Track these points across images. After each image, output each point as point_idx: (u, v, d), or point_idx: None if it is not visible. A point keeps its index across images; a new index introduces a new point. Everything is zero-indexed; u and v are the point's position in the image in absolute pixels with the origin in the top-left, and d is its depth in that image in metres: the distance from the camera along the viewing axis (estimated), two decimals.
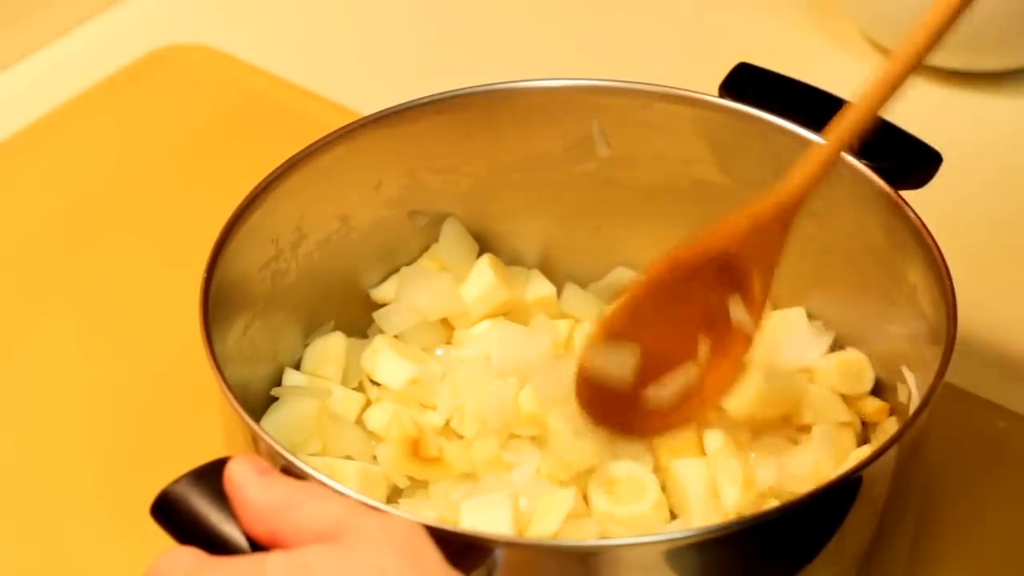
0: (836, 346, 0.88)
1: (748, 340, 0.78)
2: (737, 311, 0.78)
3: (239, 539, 0.67)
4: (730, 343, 0.79)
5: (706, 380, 0.79)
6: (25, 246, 1.06)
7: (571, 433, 0.82)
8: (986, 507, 0.88)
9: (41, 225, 1.07)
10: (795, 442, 0.83)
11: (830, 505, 0.72)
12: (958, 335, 0.76)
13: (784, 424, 0.84)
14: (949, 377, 0.75)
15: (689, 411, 0.79)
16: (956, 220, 0.84)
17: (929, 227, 0.80)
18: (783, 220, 0.78)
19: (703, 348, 0.78)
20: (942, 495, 0.87)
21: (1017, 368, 0.97)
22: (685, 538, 0.71)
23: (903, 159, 0.83)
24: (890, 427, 0.85)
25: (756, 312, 0.78)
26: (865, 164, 0.83)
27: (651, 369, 0.79)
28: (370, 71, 1.20)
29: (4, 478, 0.91)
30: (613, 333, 0.79)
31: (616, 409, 0.79)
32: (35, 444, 0.93)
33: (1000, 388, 0.93)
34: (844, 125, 0.77)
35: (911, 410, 0.80)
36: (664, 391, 0.79)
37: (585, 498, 0.82)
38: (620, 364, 0.79)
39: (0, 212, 1.08)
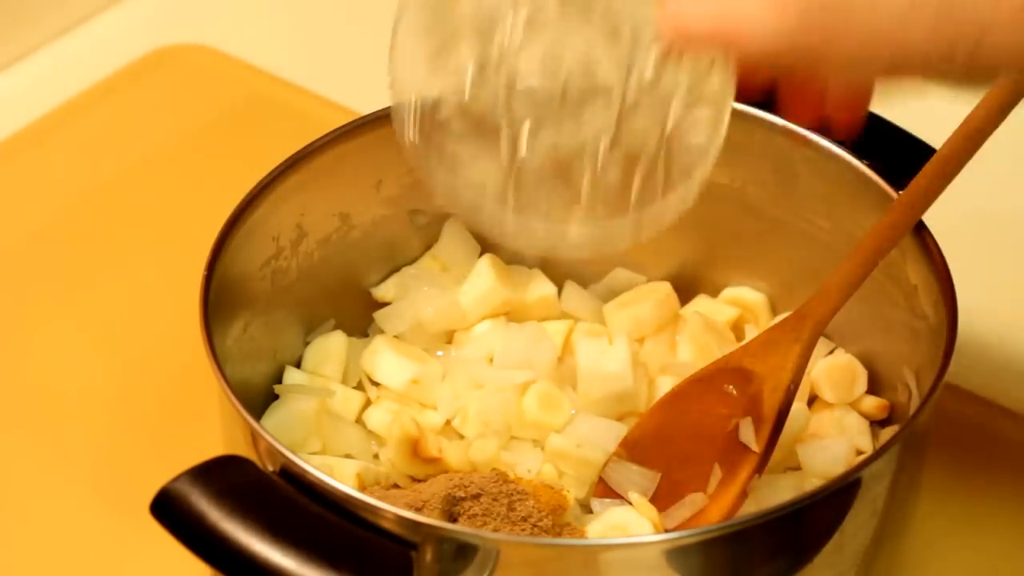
0: (834, 346, 0.89)
1: (754, 462, 0.79)
2: (746, 431, 0.79)
3: (238, 537, 0.67)
4: (739, 466, 0.79)
5: (710, 506, 0.80)
6: (25, 246, 1.06)
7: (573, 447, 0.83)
8: (986, 507, 0.88)
9: (41, 225, 1.07)
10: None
11: (830, 505, 0.72)
12: (958, 335, 0.76)
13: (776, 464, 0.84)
14: (949, 377, 0.75)
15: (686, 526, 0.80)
16: (956, 220, 0.84)
17: (929, 227, 0.80)
18: (800, 340, 0.79)
19: (714, 478, 0.80)
20: (942, 495, 0.87)
21: (1017, 368, 0.96)
22: (685, 538, 0.71)
23: (902, 158, 0.83)
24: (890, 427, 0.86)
25: (763, 432, 0.79)
26: (864, 163, 0.83)
27: (665, 496, 0.81)
28: (370, 71, 1.20)
29: (4, 477, 0.91)
30: (637, 453, 0.82)
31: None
32: (35, 442, 0.93)
33: (1000, 388, 0.93)
34: (865, 250, 0.79)
35: (911, 410, 0.80)
36: (669, 521, 0.80)
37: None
38: (640, 488, 0.81)
39: (0, 212, 1.08)
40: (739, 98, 0.70)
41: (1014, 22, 0.56)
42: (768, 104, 0.84)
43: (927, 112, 0.74)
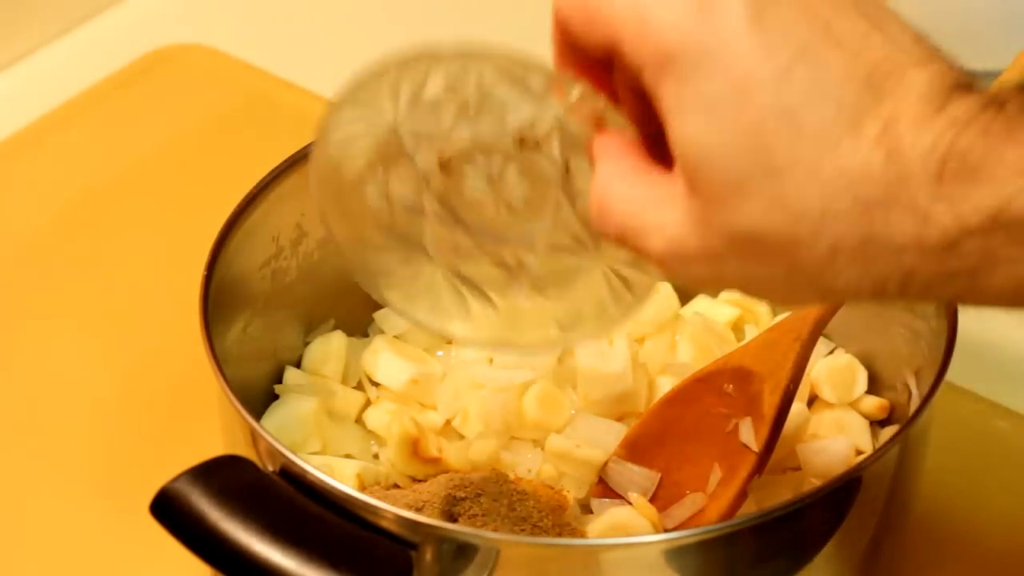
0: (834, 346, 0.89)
1: (754, 462, 0.79)
2: (746, 431, 0.79)
3: (238, 537, 0.67)
4: (738, 466, 0.79)
5: (710, 505, 0.80)
6: (25, 246, 1.06)
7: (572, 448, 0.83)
8: (986, 507, 0.88)
9: (41, 225, 1.07)
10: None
11: (830, 505, 0.72)
12: (958, 335, 0.76)
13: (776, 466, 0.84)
14: (949, 377, 0.75)
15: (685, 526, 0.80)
16: None
17: None
18: (800, 339, 0.79)
19: (714, 478, 0.80)
20: (942, 495, 0.87)
21: (1017, 368, 0.96)
22: (685, 538, 0.71)
23: None
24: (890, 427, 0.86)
25: (763, 432, 0.79)
26: None
27: (665, 496, 0.81)
28: None
29: (4, 477, 0.91)
30: (637, 453, 0.82)
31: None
32: (35, 443, 0.93)
33: (1000, 388, 0.93)
34: None
35: (911, 410, 0.80)
36: (668, 521, 0.80)
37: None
38: (640, 488, 0.81)
39: (0, 212, 1.08)
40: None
41: (938, 260, 0.52)
42: None
43: None
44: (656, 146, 0.59)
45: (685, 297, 0.92)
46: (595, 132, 0.61)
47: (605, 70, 0.61)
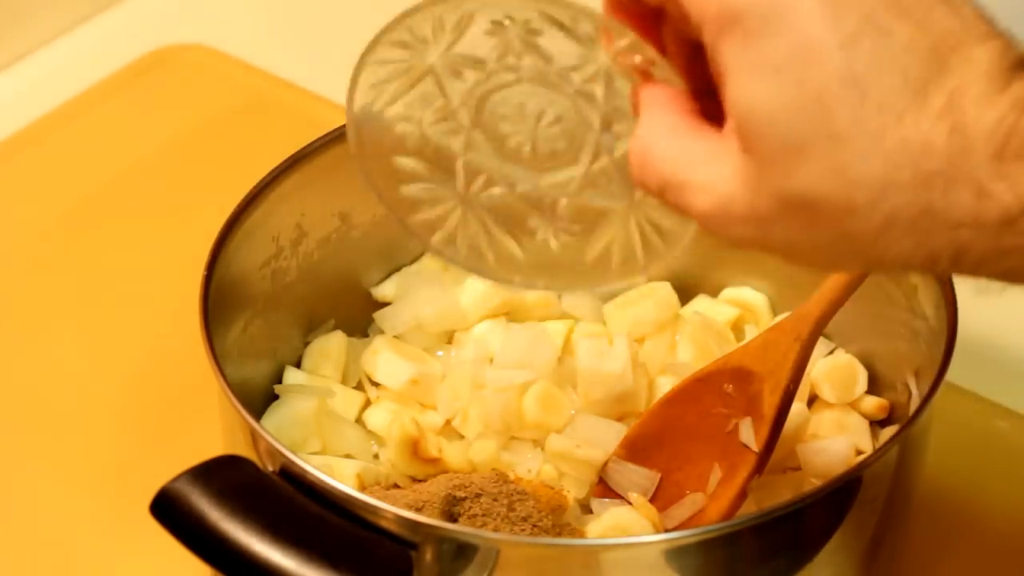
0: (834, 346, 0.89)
1: (754, 462, 0.79)
2: (746, 431, 0.79)
3: (238, 537, 0.67)
4: (738, 466, 0.79)
5: (709, 505, 0.80)
6: (25, 246, 1.06)
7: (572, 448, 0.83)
8: (986, 507, 0.88)
9: (41, 225, 1.07)
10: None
11: (830, 505, 0.73)
12: (958, 335, 0.76)
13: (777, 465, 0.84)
14: (949, 377, 0.75)
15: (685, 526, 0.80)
16: None
17: None
18: (800, 339, 0.79)
19: (714, 478, 0.80)
20: (942, 495, 0.87)
21: (1017, 368, 0.96)
22: (685, 538, 0.71)
23: None
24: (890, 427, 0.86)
25: (763, 432, 0.79)
26: None
27: (665, 496, 0.81)
28: None
29: (4, 477, 0.91)
30: (637, 453, 0.82)
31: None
32: (35, 442, 0.93)
33: (1000, 388, 0.93)
34: None
35: (911, 410, 0.80)
36: (668, 521, 0.80)
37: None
38: (640, 488, 0.81)
39: (0, 212, 1.08)
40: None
41: (994, 236, 0.53)
42: None
43: None
44: (703, 102, 0.58)
45: (685, 297, 0.92)
46: (641, 82, 0.61)
47: (655, 21, 0.60)
